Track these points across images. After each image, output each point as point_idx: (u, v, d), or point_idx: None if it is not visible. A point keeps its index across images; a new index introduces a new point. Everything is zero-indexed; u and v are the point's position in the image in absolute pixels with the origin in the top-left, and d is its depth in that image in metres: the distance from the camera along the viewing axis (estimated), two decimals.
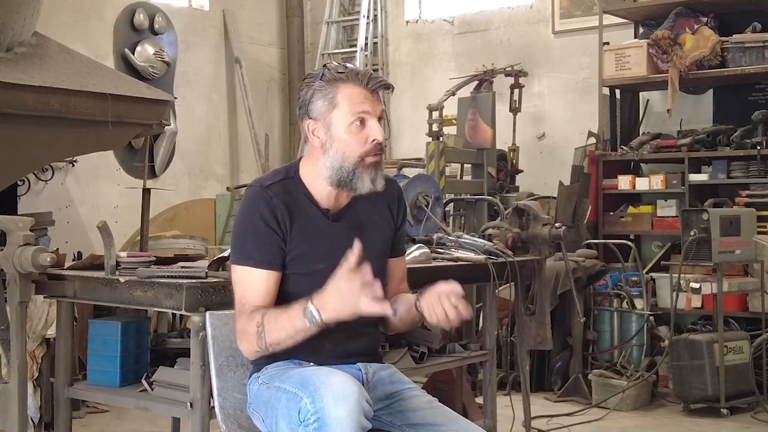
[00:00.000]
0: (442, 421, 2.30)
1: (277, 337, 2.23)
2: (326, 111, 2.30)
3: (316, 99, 2.31)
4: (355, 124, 2.29)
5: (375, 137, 2.29)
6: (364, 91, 2.30)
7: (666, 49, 6.11)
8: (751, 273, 5.68)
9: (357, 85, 2.29)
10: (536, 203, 4.47)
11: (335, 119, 2.29)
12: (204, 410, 2.83)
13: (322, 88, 2.30)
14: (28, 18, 4.60)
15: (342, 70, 2.31)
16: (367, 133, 2.29)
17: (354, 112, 2.28)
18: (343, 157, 2.29)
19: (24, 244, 3.09)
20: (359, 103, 2.28)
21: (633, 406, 5.28)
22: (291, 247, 2.31)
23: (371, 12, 8.19)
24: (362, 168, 2.30)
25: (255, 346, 2.26)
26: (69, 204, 6.76)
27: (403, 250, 2.60)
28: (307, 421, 2.05)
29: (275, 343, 2.24)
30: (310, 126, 2.33)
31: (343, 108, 2.28)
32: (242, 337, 2.29)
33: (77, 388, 3.36)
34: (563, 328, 5.67)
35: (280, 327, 2.22)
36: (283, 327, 2.21)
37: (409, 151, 7.74)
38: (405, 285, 2.57)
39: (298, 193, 2.35)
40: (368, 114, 2.29)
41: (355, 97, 2.29)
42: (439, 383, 4.31)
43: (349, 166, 2.29)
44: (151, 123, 5.02)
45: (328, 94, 2.30)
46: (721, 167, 5.99)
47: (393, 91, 2.39)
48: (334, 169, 2.30)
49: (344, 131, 2.29)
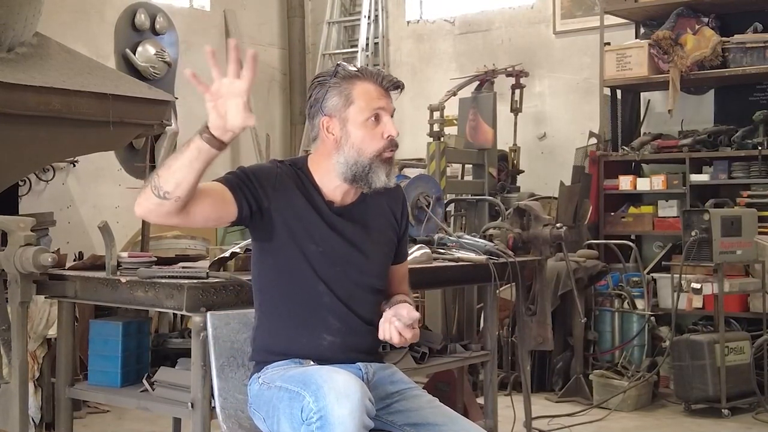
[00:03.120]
0: (443, 421, 2.30)
1: (168, 167, 2.04)
2: (342, 107, 2.32)
3: (331, 96, 2.33)
4: (371, 120, 2.31)
5: (390, 133, 2.32)
6: (380, 89, 2.34)
7: (667, 49, 6.11)
8: (752, 273, 5.68)
9: (372, 83, 2.33)
10: (537, 203, 4.47)
11: (351, 115, 2.32)
12: (205, 410, 2.83)
13: (338, 84, 2.33)
14: (30, 18, 4.61)
15: (356, 68, 2.35)
16: (382, 129, 2.33)
17: (370, 108, 2.31)
18: (359, 153, 2.32)
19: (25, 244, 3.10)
20: (375, 99, 2.32)
21: (634, 407, 5.28)
22: (280, 215, 2.29)
23: (372, 12, 8.20)
24: (378, 163, 2.32)
25: (148, 189, 2.06)
26: (70, 204, 6.76)
27: (405, 255, 2.62)
28: (309, 420, 2.05)
29: (167, 174, 2.04)
30: (325, 122, 2.35)
31: (360, 104, 2.31)
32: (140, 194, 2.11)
33: (78, 389, 3.36)
34: (564, 328, 5.67)
35: (173, 157, 2.07)
36: (179, 152, 2.06)
37: (410, 151, 7.72)
38: (405, 286, 2.59)
39: (306, 181, 2.38)
40: (383, 110, 2.33)
41: (371, 93, 2.32)
42: (440, 383, 4.31)
43: (365, 161, 2.32)
44: (152, 123, 5.02)
45: (343, 91, 2.32)
46: (722, 167, 5.99)
47: (403, 90, 2.40)
48: (349, 164, 2.32)
49: (360, 127, 2.31)
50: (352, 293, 2.37)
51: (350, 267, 2.37)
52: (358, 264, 2.38)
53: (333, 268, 2.34)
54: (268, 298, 2.39)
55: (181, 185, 2.05)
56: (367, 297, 2.42)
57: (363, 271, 2.40)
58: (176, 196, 2.06)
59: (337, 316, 2.36)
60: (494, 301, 4.07)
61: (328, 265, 2.33)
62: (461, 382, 4.32)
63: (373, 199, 2.41)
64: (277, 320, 2.38)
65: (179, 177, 2.04)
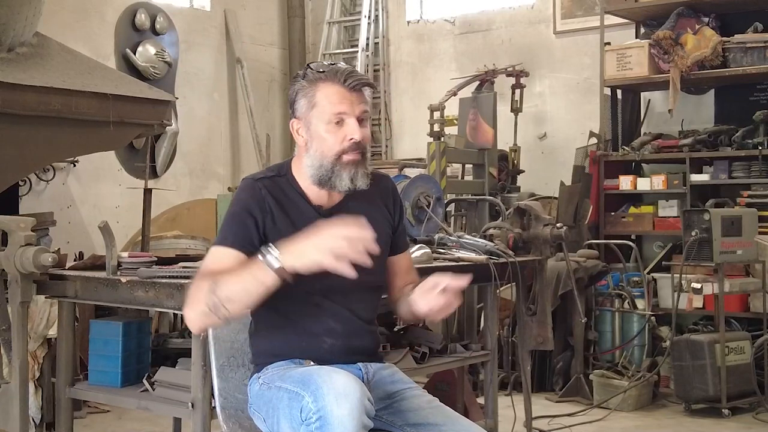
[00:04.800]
0: (443, 421, 2.30)
1: (230, 290, 2.11)
2: (306, 110, 2.32)
3: (300, 98, 2.33)
4: (332, 124, 2.30)
5: (351, 136, 2.29)
6: (343, 90, 2.30)
7: (667, 49, 6.11)
8: (752, 273, 5.68)
9: (335, 84, 2.30)
10: (537, 203, 4.47)
11: (314, 119, 2.31)
12: (205, 410, 2.84)
13: (304, 87, 2.33)
14: (30, 18, 4.61)
15: (322, 69, 2.32)
16: (344, 132, 2.30)
17: (331, 113, 2.29)
18: (322, 156, 2.31)
19: (25, 244, 3.10)
20: (336, 103, 2.29)
21: (634, 407, 5.28)
22: (275, 238, 2.26)
23: (372, 12, 8.19)
24: (340, 166, 2.30)
25: (203, 305, 2.12)
26: (70, 204, 6.76)
27: (406, 245, 2.60)
28: (309, 420, 2.05)
29: (228, 297, 2.11)
30: (295, 125, 2.36)
31: (321, 108, 2.30)
32: (190, 301, 2.16)
33: (78, 388, 3.36)
34: (564, 328, 5.67)
35: (234, 278, 2.13)
36: (238, 276, 2.12)
37: (411, 151, 7.74)
38: (413, 276, 2.56)
39: (290, 190, 2.36)
40: (345, 114, 2.29)
41: (332, 96, 2.29)
42: (441, 383, 4.31)
43: (328, 164, 2.30)
44: (152, 123, 5.02)
45: (308, 94, 2.32)
46: (722, 167, 5.99)
47: (374, 89, 2.38)
48: (315, 167, 2.32)
49: (323, 130, 2.30)
50: (351, 294, 2.37)
51: None
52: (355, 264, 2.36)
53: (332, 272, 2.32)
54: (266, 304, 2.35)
55: (235, 303, 2.15)
56: (366, 296, 2.41)
57: (360, 270, 2.38)
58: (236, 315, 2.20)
59: (337, 320, 2.35)
60: (494, 301, 4.07)
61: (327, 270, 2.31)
62: (461, 382, 4.32)
63: (362, 193, 2.36)
64: (277, 326, 2.36)
65: (237, 298, 2.13)
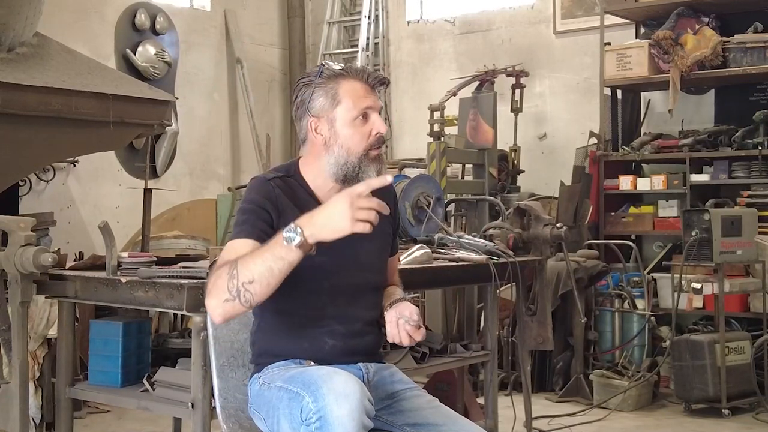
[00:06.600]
0: (443, 421, 2.30)
1: (252, 272, 2.07)
2: (329, 107, 2.31)
3: (317, 96, 2.32)
4: (359, 119, 2.31)
5: (378, 130, 2.32)
6: (366, 86, 2.32)
7: (667, 49, 6.11)
8: (752, 273, 5.68)
9: (358, 81, 2.32)
10: (537, 203, 4.47)
11: (339, 114, 2.30)
12: (205, 410, 2.84)
13: (323, 84, 2.32)
14: (30, 18, 4.60)
15: (341, 67, 2.33)
16: (370, 126, 2.32)
17: (358, 107, 2.30)
18: (348, 152, 2.30)
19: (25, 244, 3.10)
20: (362, 97, 2.31)
21: (634, 407, 5.28)
22: None
23: (372, 12, 8.19)
24: (368, 161, 2.31)
25: (224, 293, 2.09)
26: (70, 204, 6.76)
27: (397, 248, 2.63)
28: (309, 420, 2.05)
29: (250, 280, 2.07)
30: (313, 124, 2.34)
31: (347, 103, 2.30)
32: (211, 290, 2.13)
33: (78, 389, 3.36)
34: (564, 328, 5.67)
35: (255, 258, 2.09)
36: (259, 257, 2.08)
37: (411, 151, 7.73)
38: (396, 277, 2.60)
39: (299, 190, 2.36)
40: (371, 108, 2.32)
41: (357, 91, 2.31)
42: (440, 383, 4.31)
43: (355, 160, 2.30)
44: (152, 123, 5.02)
45: (329, 91, 2.31)
46: (722, 167, 5.99)
47: (388, 86, 2.41)
48: (339, 164, 2.31)
49: (348, 126, 2.30)
50: (353, 295, 2.37)
51: (352, 269, 2.36)
52: (359, 264, 2.37)
53: (335, 274, 2.33)
54: (269, 305, 2.36)
55: (257, 285, 2.09)
56: (368, 296, 2.42)
57: (364, 270, 2.39)
58: (260, 298, 2.12)
59: (339, 321, 2.35)
60: (494, 301, 4.07)
61: (331, 271, 2.31)
62: (461, 382, 4.32)
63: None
64: (279, 326, 2.36)
65: (259, 280, 2.08)
